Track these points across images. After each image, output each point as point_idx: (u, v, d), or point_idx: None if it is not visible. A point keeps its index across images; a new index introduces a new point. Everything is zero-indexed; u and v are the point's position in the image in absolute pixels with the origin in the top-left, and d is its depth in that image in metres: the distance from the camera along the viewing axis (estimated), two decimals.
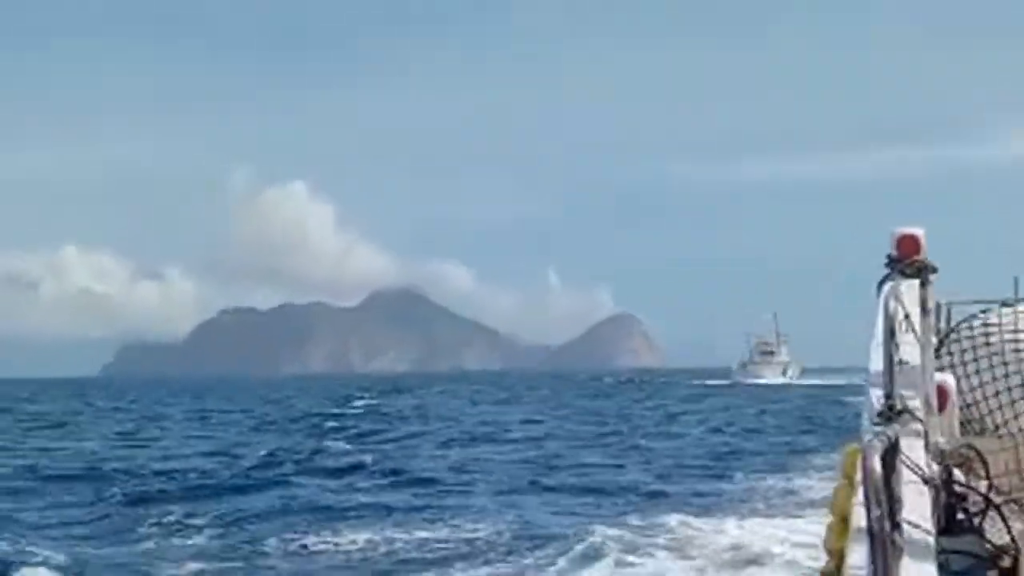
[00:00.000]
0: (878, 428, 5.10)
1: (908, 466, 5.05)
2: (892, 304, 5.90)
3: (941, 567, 4.38)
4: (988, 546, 6.00)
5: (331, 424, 70.13)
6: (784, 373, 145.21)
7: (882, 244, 6.58)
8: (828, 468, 35.82)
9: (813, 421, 65.42)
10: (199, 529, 27.82)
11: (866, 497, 3.36)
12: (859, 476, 5.19)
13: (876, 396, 5.78)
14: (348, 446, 51.60)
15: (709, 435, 56.88)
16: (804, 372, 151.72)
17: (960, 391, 8.09)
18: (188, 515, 29.56)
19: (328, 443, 53.25)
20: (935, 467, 5.96)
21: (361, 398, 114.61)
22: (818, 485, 30.76)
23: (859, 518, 5.06)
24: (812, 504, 26.72)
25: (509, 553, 23.82)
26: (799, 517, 25.70)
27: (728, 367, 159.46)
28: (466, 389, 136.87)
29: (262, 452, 47.88)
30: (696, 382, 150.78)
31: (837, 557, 5.81)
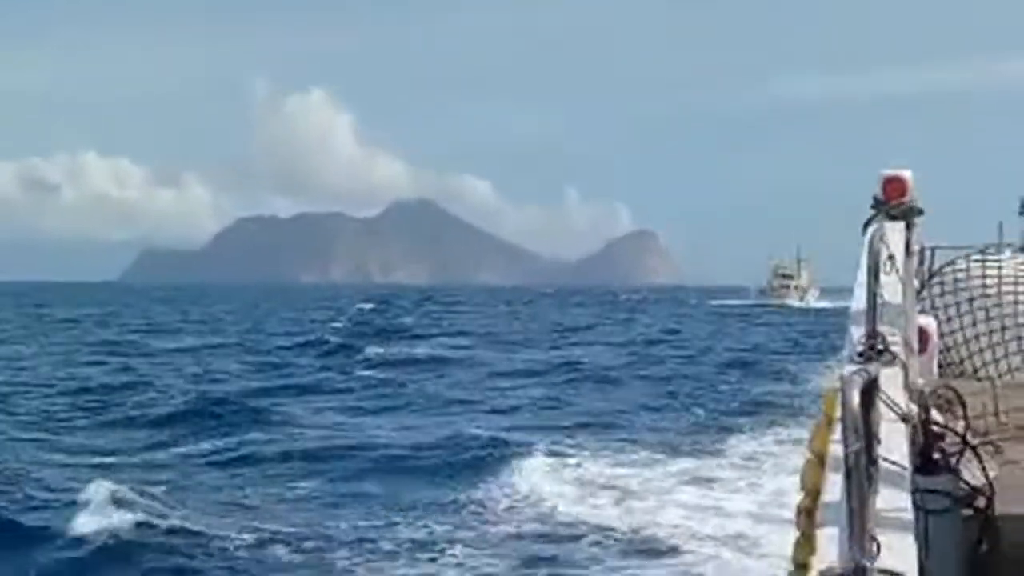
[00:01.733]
0: (858, 365, 5.04)
1: (887, 403, 4.89)
2: (877, 245, 5.90)
3: (915, 505, 4.35)
4: (963, 486, 5.99)
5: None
6: (802, 298, 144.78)
7: (906, 159, 6.51)
8: None
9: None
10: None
11: (843, 431, 3.32)
12: (838, 413, 5.26)
13: (858, 335, 5.82)
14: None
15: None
16: (823, 294, 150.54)
17: (941, 334, 8.10)
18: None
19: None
20: (913, 407, 5.90)
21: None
22: None
23: (836, 456, 5.10)
24: None
25: None
26: None
27: (745, 286, 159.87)
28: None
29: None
30: (715, 302, 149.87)
31: (812, 494, 5.59)
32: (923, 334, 6.86)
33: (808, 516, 5.48)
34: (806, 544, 5.32)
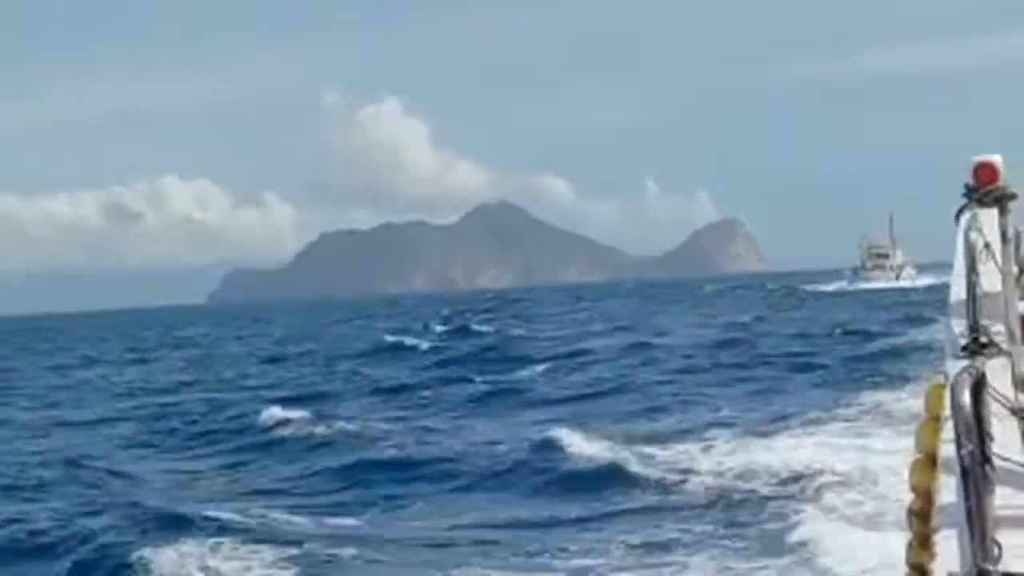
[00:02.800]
0: (964, 361, 4.94)
1: (997, 399, 4.88)
2: (972, 234, 5.77)
3: None
4: None
5: None
6: (898, 277, 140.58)
7: (1009, 128, 6.33)
8: None
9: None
10: None
11: (956, 430, 3.32)
12: (946, 412, 5.19)
13: (959, 329, 5.69)
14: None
15: None
16: (920, 271, 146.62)
17: None
18: None
19: None
20: (1023, 399, 5.79)
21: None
22: None
23: (947, 454, 5.17)
24: None
25: None
26: None
27: (837, 269, 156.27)
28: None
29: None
30: (809, 287, 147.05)
31: (924, 495, 5.63)
32: None
33: (920, 518, 5.40)
34: (920, 547, 5.27)
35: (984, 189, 6.24)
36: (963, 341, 5.43)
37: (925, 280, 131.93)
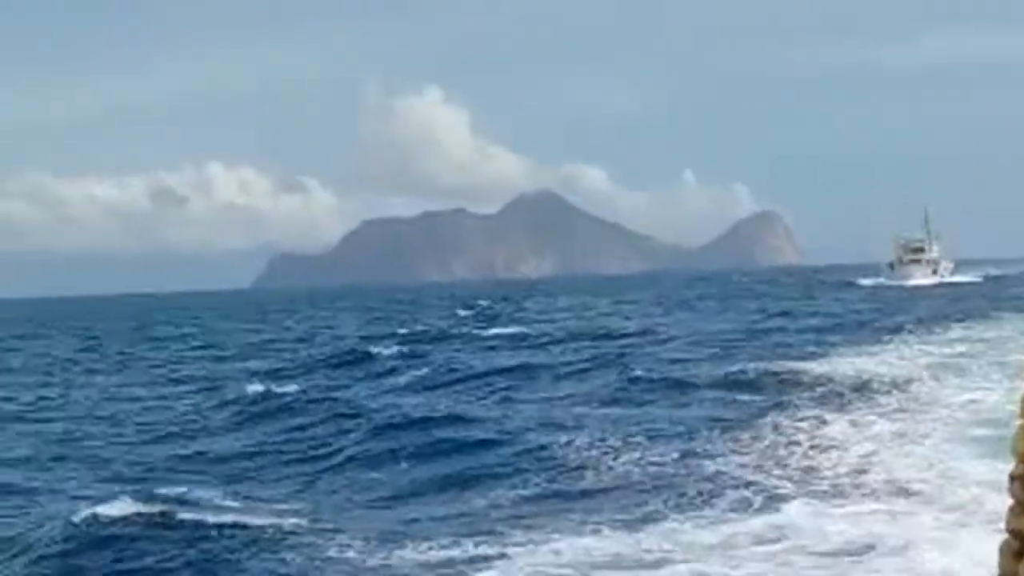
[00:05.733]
0: None
1: None
2: None
3: None
4: None
5: None
6: (934, 272, 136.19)
7: None
8: None
9: None
10: None
11: None
12: None
13: None
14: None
15: None
16: (957, 268, 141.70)
17: None
18: None
19: None
20: None
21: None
22: None
23: None
24: None
25: None
26: None
27: (875, 263, 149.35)
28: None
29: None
30: (849, 280, 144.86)
31: None
32: None
33: (1023, 484, 5.71)
34: (1022, 512, 5.60)
35: None
36: None
37: (964, 276, 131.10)
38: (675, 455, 23.70)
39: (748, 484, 20.20)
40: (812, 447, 23.12)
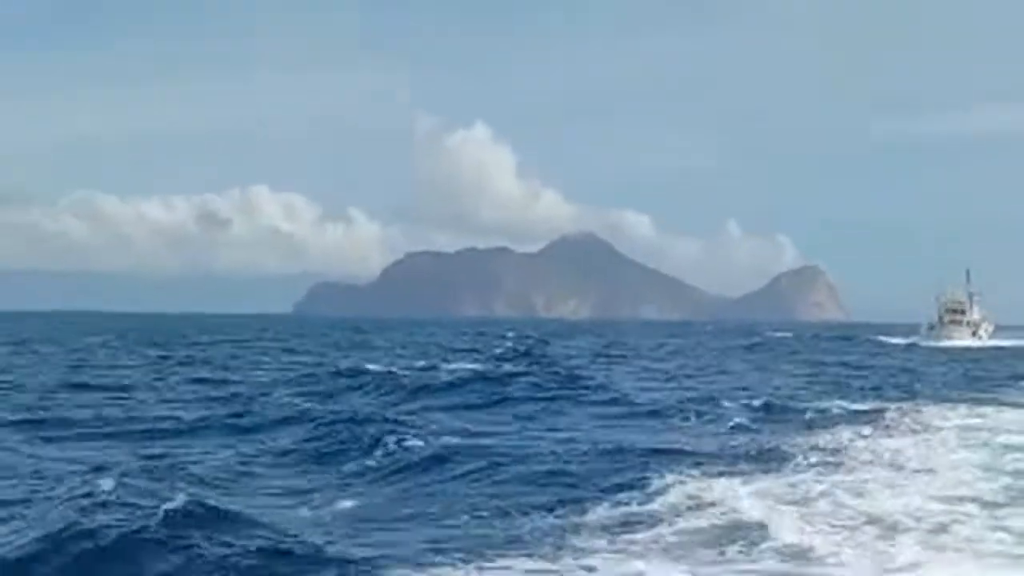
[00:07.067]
0: None
1: None
2: None
3: None
4: None
5: None
6: (974, 334, 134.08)
7: None
8: None
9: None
10: None
11: None
12: None
13: None
14: None
15: None
16: (997, 331, 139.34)
17: None
18: None
19: None
20: None
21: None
22: None
23: None
24: None
25: None
26: None
27: (915, 323, 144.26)
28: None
29: None
30: (882, 338, 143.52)
31: None
32: None
33: None
34: None
35: None
36: None
37: (1005, 341, 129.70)
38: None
39: None
40: None
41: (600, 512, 18.32)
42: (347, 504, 19.91)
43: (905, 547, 15.52)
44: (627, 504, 18.88)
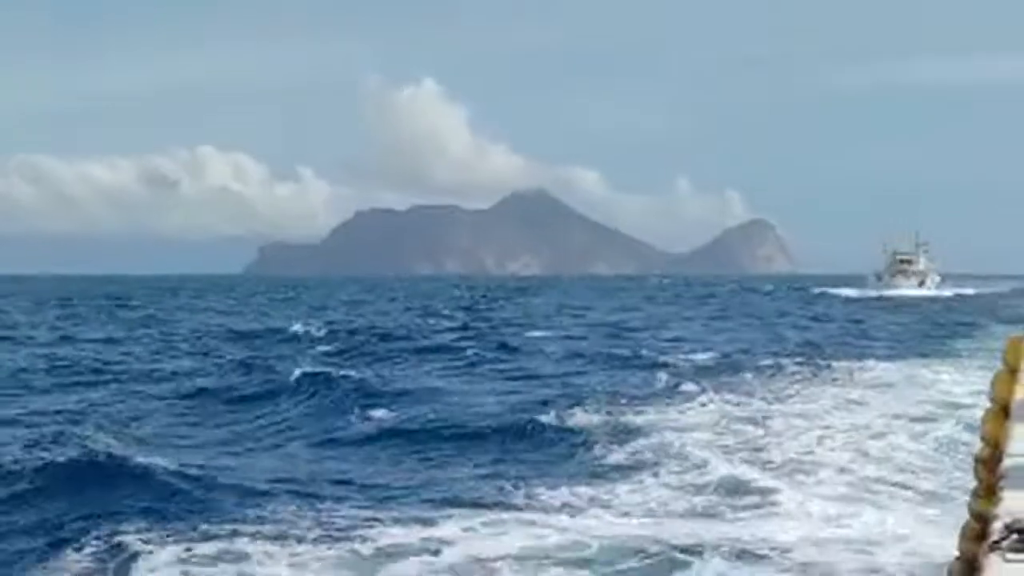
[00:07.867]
0: None
1: None
2: None
3: None
4: None
5: None
6: (921, 284, 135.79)
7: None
8: None
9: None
10: None
11: None
12: None
13: None
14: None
15: None
16: (944, 281, 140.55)
17: None
18: None
19: None
20: None
21: None
22: None
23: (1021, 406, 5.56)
24: None
25: None
26: None
27: (862, 275, 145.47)
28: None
29: None
30: (831, 290, 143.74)
31: (993, 444, 5.70)
32: None
33: (987, 467, 5.52)
34: (984, 496, 5.38)
35: None
36: None
37: (949, 290, 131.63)
38: None
39: None
40: None
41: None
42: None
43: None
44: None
